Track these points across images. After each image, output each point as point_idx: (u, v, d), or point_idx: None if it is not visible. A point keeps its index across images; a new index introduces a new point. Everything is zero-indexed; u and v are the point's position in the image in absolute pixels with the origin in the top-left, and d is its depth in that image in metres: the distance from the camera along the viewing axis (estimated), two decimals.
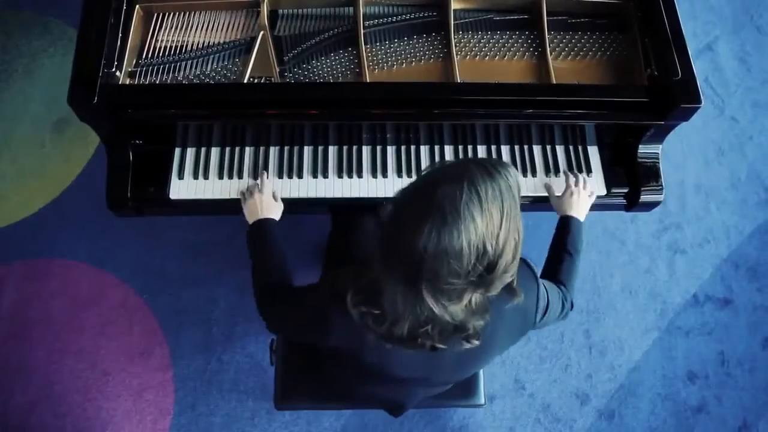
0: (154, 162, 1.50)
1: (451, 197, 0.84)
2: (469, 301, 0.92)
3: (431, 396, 1.46)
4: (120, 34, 1.42)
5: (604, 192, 1.59)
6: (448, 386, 1.42)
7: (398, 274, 0.90)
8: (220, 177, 1.52)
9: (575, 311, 2.15)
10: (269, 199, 1.44)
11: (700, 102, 1.38)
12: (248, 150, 1.55)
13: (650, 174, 1.57)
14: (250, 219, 1.42)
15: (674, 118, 1.44)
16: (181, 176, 1.51)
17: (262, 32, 1.53)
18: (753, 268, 2.30)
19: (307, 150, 1.55)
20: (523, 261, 1.10)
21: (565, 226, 1.45)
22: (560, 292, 1.28)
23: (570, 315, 1.34)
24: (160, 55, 1.51)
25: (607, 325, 2.17)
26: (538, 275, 1.14)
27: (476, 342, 0.99)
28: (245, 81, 1.48)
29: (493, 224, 0.86)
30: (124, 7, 1.44)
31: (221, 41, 1.54)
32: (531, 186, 1.57)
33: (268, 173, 1.50)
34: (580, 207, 1.48)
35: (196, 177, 1.52)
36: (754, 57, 2.68)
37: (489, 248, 0.86)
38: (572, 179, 1.52)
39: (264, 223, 1.39)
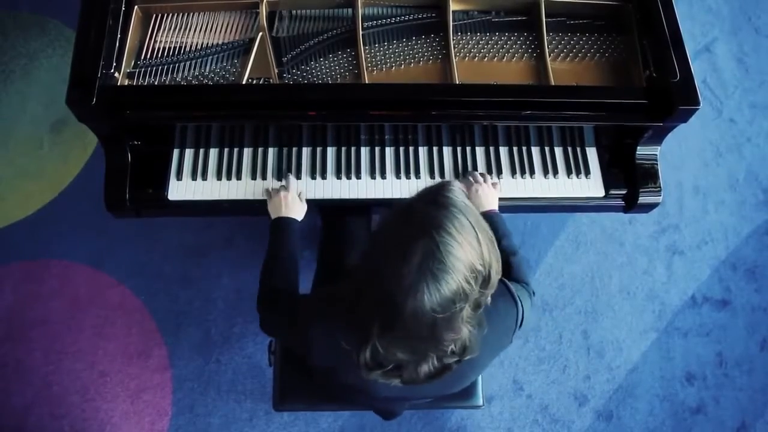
0: (152, 163, 1.50)
1: (429, 252, 0.83)
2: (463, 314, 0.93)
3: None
4: (118, 35, 1.42)
5: (602, 193, 1.59)
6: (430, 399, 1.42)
7: (412, 337, 0.91)
8: (219, 178, 1.52)
9: (573, 311, 2.17)
10: (294, 197, 1.45)
11: (698, 103, 1.38)
12: (246, 151, 1.55)
13: (648, 175, 1.57)
14: (273, 215, 1.43)
15: (672, 120, 1.44)
16: (179, 177, 1.51)
17: (260, 33, 1.53)
18: (751, 270, 2.30)
19: (306, 151, 1.55)
20: (503, 284, 1.11)
21: (490, 223, 1.44)
22: (525, 290, 1.28)
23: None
24: (159, 56, 1.51)
25: (606, 326, 2.17)
26: (516, 294, 1.14)
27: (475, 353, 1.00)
28: (244, 82, 1.48)
29: (474, 248, 0.86)
30: (123, 8, 1.44)
31: (220, 42, 1.54)
32: (529, 187, 1.57)
33: (292, 174, 1.52)
34: (491, 199, 1.48)
35: (194, 178, 1.52)
36: (752, 58, 2.68)
37: (481, 268, 0.87)
38: (470, 177, 1.52)
39: (283, 221, 1.41)
